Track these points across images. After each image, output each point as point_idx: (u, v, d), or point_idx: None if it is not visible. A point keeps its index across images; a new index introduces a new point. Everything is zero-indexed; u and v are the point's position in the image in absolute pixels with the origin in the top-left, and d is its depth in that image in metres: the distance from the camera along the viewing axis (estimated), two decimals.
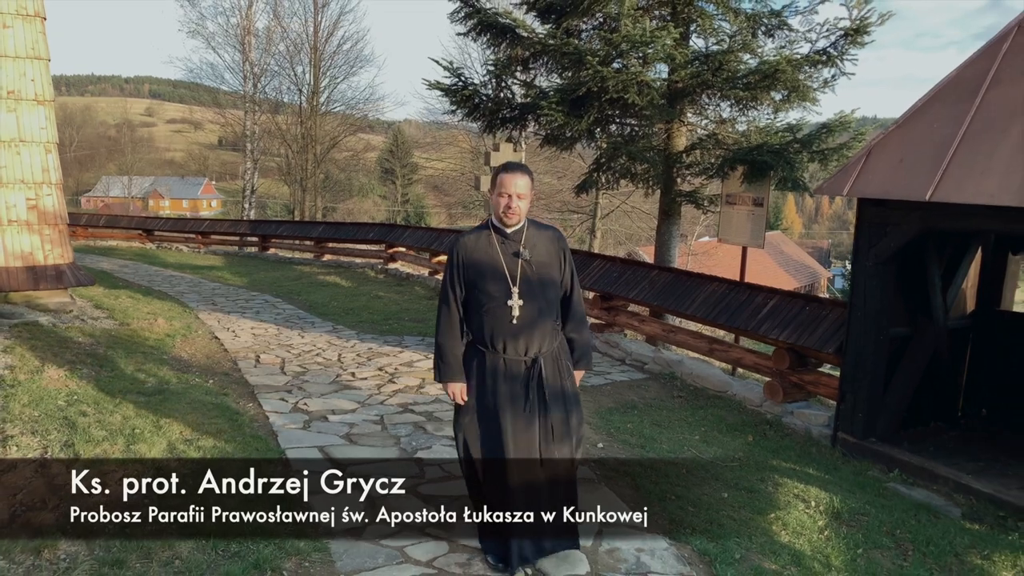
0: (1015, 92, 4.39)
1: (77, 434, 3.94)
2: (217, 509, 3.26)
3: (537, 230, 3.11)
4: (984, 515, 4.27)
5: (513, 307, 2.96)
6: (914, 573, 3.39)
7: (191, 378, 5.92)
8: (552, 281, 3.06)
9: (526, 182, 3.01)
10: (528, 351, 3.00)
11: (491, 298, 2.98)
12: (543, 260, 3.05)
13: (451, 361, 3.06)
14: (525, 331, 2.97)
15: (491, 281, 2.98)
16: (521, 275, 2.99)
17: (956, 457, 5.08)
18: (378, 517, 3.39)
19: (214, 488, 3.36)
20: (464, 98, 7.32)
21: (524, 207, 3.02)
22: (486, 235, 3.07)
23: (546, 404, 3.04)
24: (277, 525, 3.16)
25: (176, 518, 3.13)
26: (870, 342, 5.17)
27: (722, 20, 6.93)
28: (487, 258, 3.02)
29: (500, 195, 3.00)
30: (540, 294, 3.00)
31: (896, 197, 4.71)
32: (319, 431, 4.64)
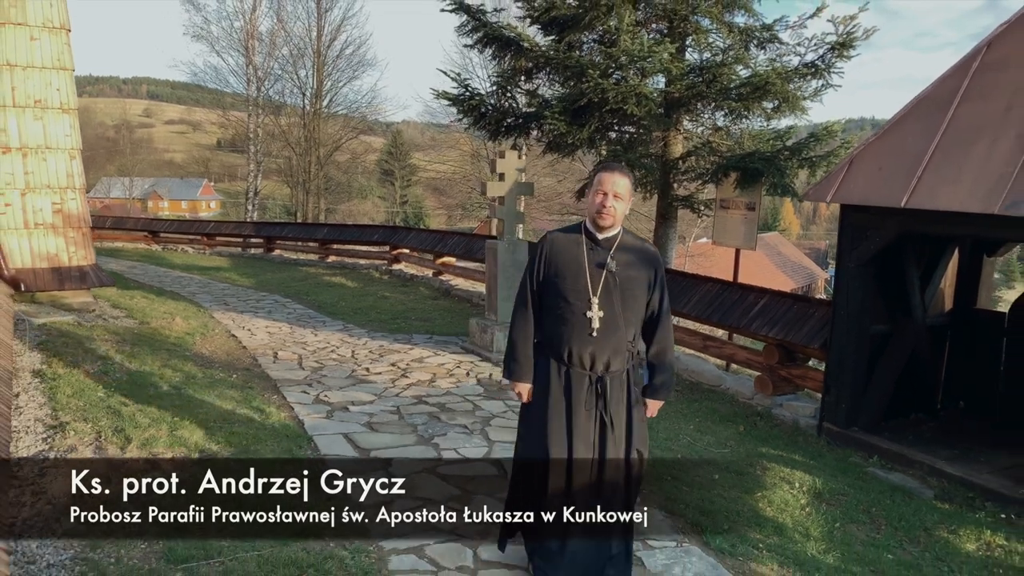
0: (982, 108, 4.77)
1: (124, 421, 4.30)
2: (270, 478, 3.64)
3: (633, 244, 2.93)
4: (955, 496, 4.65)
5: (593, 318, 2.79)
6: (885, 543, 3.77)
7: (215, 373, 6.28)
8: (636, 299, 2.86)
9: (626, 183, 2.84)
10: (595, 366, 2.83)
11: (567, 304, 2.83)
12: (631, 275, 2.86)
13: (521, 360, 2.96)
14: (597, 345, 2.81)
15: (571, 286, 2.82)
16: (604, 286, 2.81)
17: (933, 445, 5.45)
18: (401, 494, 3.78)
19: (262, 459, 3.75)
20: (471, 107, 7.70)
21: (621, 210, 2.84)
22: (575, 237, 2.91)
23: (604, 428, 2.86)
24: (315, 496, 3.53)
25: (232, 487, 3.51)
26: (852, 339, 5.55)
27: (716, 34, 7.32)
28: (571, 261, 2.86)
29: (596, 193, 2.84)
30: (620, 310, 2.82)
31: (875, 204, 5.09)
32: (342, 420, 5.01)
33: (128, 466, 3.63)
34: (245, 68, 24.78)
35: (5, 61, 7.53)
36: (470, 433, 4.84)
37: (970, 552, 3.79)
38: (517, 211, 7.31)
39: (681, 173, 7.84)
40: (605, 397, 2.83)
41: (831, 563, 3.41)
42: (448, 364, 6.90)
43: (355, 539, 3.16)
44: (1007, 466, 5.04)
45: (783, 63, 7.08)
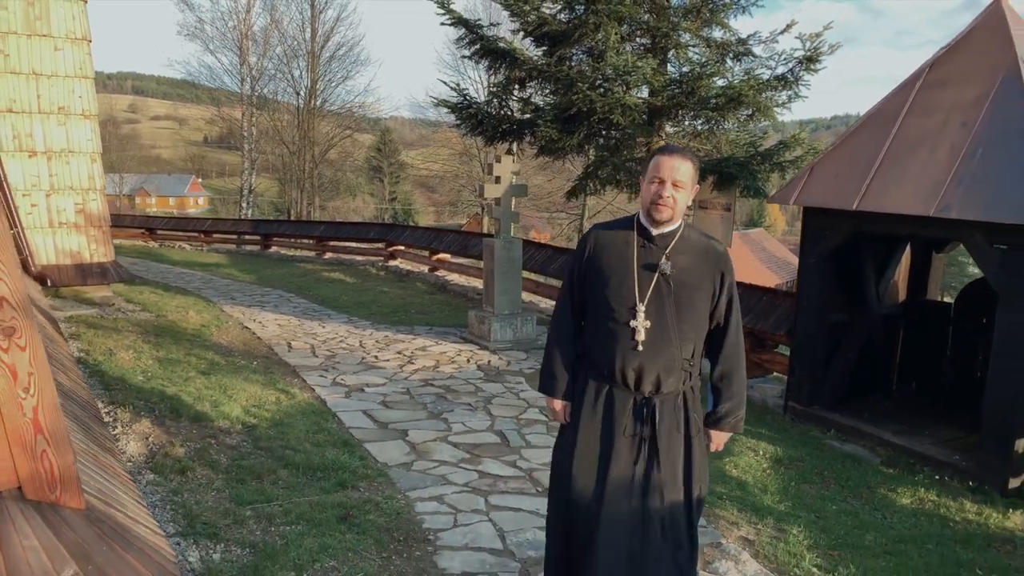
0: (923, 122, 5.44)
1: (171, 399, 4.87)
2: (304, 446, 4.25)
3: (695, 240, 2.46)
4: (898, 462, 5.32)
5: (638, 328, 2.35)
6: (831, 497, 4.42)
7: (236, 360, 6.84)
8: (695, 308, 2.41)
9: (689, 169, 2.37)
10: (641, 385, 2.38)
11: (610, 311, 2.41)
12: (689, 279, 2.40)
13: (556, 373, 2.56)
14: (645, 361, 2.36)
15: (615, 291, 2.41)
16: (654, 291, 2.37)
17: (884, 421, 6.12)
18: (420, 457, 4.39)
19: (296, 431, 4.36)
20: (469, 115, 8.30)
21: (682, 201, 2.38)
22: (625, 233, 2.47)
23: (652, 463, 2.37)
24: (346, 458, 4.14)
25: (271, 452, 4.11)
26: (813, 327, 6.22)
27: (695, 49, 7.96)
28: (617, 261, 2.43)
29: (652, 181, 2.38)
30: (674, 320, 2.37)
31: (831, 206, 5.75)
32: (359, 399, 5.61)
33: (184, 433, 4.24)
34: (239, 67, 25.17)
35: (31, 70, 8.03)
36: (474, 410, 5.45)
37: (904, 505, 4.45)
38: (512, 211, 7.92)
39: None
40: (653, 423, 2.36)
41: (782, 510, 4.05)
42: (449, 352, 7.50)
43: (386, 490, 3.76)
44: (947, 438, 5.72)
45: (756, 76, 7.71)
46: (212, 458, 3.88)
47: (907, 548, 3.64)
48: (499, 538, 3.32)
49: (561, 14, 7.95)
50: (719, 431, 2.52)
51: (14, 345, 1.79)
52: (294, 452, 4.15)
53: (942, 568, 3.43)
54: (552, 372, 2.58)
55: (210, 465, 3.77)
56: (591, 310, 2.50)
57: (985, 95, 5.16)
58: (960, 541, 3.84)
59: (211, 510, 3.22)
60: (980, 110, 5.13)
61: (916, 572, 3.34)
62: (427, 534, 3.30)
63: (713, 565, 3.22)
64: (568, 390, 2.55)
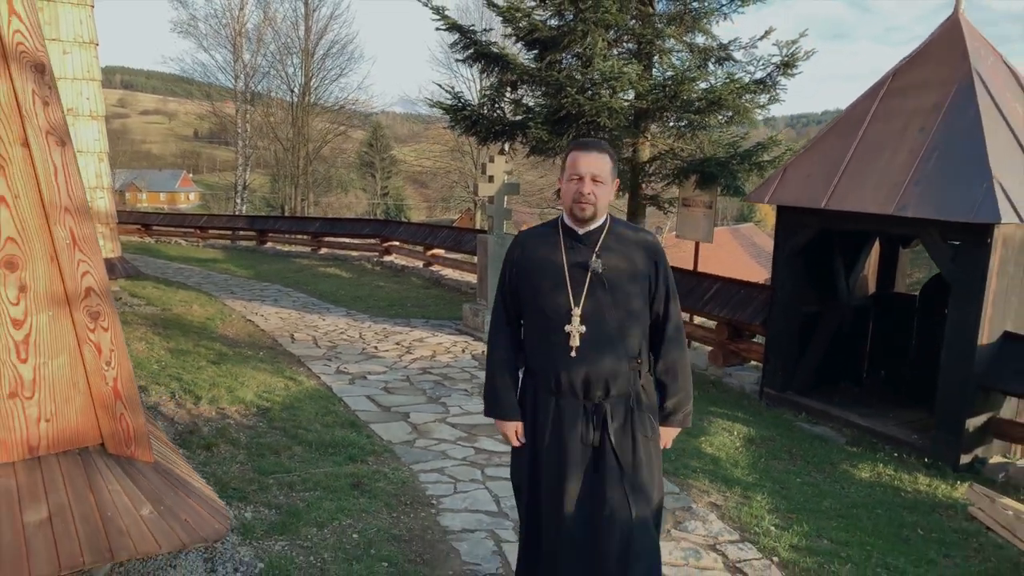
0: (886, 128, 5.87)
1: (188, 385, 5.25)
2: (315, 426, 4.64)
3: (624, 234, 2.39)
4: (862, 442, 5.76)
5: (572, 334, 2.26)
6: (796, 471, 4.85)
7: (243, 351, 7.21)
8: (632, 303, 2.32)
9: (606, 163, 2.29)
10: (590, 392, 2.29)
11: (547, 319, 2.31)
12: (623, 274, 2.31)
13: (500, 394, 2.43)
14: (588, 366, 2.27)
15: (548, 297, 2.31)
16: (588, 292, 2.28)
17: (853, 405, 6.56)
18: (421, 436, 4.79)
19: (306, 413, 4.75)
20: (464, 117, 8.68)
21: (604, 196, 2.31)
22: (552, 235, 2.39)
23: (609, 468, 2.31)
24: (354, 435, 4.53)
25: (285, 431, 4.50)
26: (787, 318, 6.65)
27: (678, 54, 8.38)
28: (547, 265, 2.34)
29: (571, 179, 2.31)
30: (613, 319, 2.29)
31: (802, 205, 6.17)
32: (362, 386, 5.99)
33: (204, 415, 4.62)
34: (233, 64, 25.39)
35: None
36: (470, 395, 5.85)
37: (863, 478, 4.88)
38: (505, 208, 8.32)
39: (648, 175, 8.90)
40: (604, 431, 2.29)
41: (749, 481, 4.48)
42: (445, 343, 7.89)
43: (392, 463, 4.16)
44: (909, 420, 6.17)
45: (736, 80, 8.13)
46: (232, 436, 4.26)
47: (859, 512, 4.07)
48: (494, 502, 3.73)
49: (551, 20, 8.33)
50: (667, 427, 2.43)
51: (99, 326, 2.17)
52: (306, 431, 4.54)
53: (888, 528, 3.87)
54: (496, 394, 2.44)
55: (231, 442, 4.16)
56: (527, 320, 2.41)
57: (941, 103, 5.59)
58: (908, 507, 4.27)
59: (238, 478, 3.61)
60: (937, 117, 5.56)
61: (863, 531, 3.77)
62: (431, 499, 3.70)
63: (683, 524, 3.64)
64: (516, 410, 2.41)
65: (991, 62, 5.87)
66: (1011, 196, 4.95)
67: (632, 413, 2.33)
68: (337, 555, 2.95)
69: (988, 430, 5.37)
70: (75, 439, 2.17)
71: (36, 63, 2.02)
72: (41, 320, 2.10)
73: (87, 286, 2.15)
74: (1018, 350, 5.19)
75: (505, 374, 2.44)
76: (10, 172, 2.01)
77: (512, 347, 2.46)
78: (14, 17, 1.97)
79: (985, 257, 5.05)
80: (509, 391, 2.44)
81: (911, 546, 3.64)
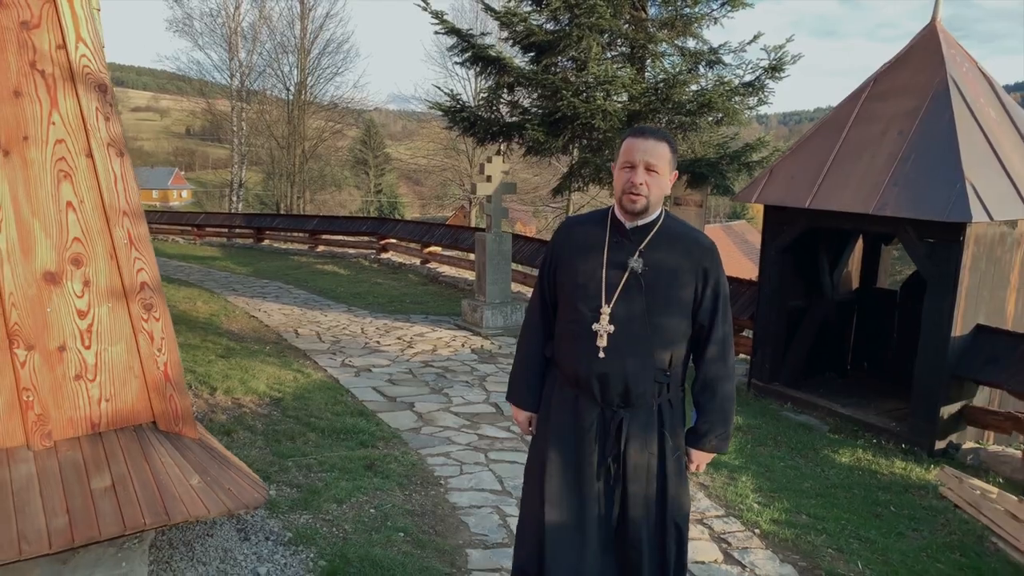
0: (867, 131, 6.17)
1: (202, 377, 5.50)
2: (326, 415, 4.90)
3: (677, 233, 2.22)
4: (844, 430, 6.06)
5: (600, 333, 2.13)
6: (780, 456, 5.15)
7: (250, 345, 7.45)
8: (672, 308, 2.17)
9: (665, 151, 2.12)
10: (607, 396, 2.16)
11: (576, 313, 2.20)
12: (666, 277, 2.16)
13: (522, 382, 2.39)
14: (609, 369, 2.13)
15: (582, 291, 2.19)
16: (622, 292, 2.14)
17: (837, 395, 6.86)
18: (427, 424, 5.07)
19: (317, 403, 5.01)
20: (462, 118, 8.95)
21: (658, 188, 2.14)
22: (598, 226, 2.25)
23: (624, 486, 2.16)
24: (364, 423, 4.80)
25: (298, 419, 4.76)
26: (773, 312, 6.94)
27: (670, 58, 8.67)
28: (588, 257, 2.21)
29: (623, 167, 2.14)
30: (646, 323, 2.14)
31: (788, 204, 6.46)
32: (368, 378, 6.26)
33: (221, 404, 4.88)
34: (228, 62, 25.54)
35: None
36: (471, 386, 6.13)
37: (843, 463, 5.18)
38: (502, 208, 8.59)
39: None
40: (620, 441, 2.14)
41: (736, 464, 4.77)
42: (445, 338, 8.16)
43: (401, 448, 4.43)
44: (889, 409, 6.47)
45: (726, 83, 8.42)
46: (249, 423, 4.53)
47: (836, 492, 4.37)
48: (498, 482, 4.01)
49: (547, 25, 8.60)
50: (699, 451, 2.25)
51: (152, 317, 2.44)
52: (318, 419, 4.80)
53: (863, 506, 4.16)
54: (518, 380, 2.40)
55: (249, 429, 4.42)
56: (560, 311, 2.30)
57: (919, 108, 5.89)
58: (883, 488, 4.58)
59: (259, 460, 3.87)
60: (914, 121, 5.86)
61: (840, 508, 4.07)
62: (439, 480, 3.98)
63: None
64: (534, 400, 2.36)
65: (966, 68, 6.18)
66: (982, 196, 5.25)
67: (651, 428, 2.15)
68: (357, 527, 3.22)
69: (962, 417, 5.68)
70: (131, 417, 2.43)
71: (99, 83, 2.27)
72: (102, 311, 2.36)
73: (142, 281, 2.41)
74: (990, 341, 5.50)
75: (531, 363, 2.37)
76: (76, 180, 2.27)
77: (542, 337, 2.36)
78: (81, 43, 2.23)
79: (958, 254, 5.35)
80: (532, 380, 2.36)
81: (883, 521, 3.94)
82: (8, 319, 2.17)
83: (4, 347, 2.18)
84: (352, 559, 2.86)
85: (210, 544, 2.81)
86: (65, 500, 2.15)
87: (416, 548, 3.07)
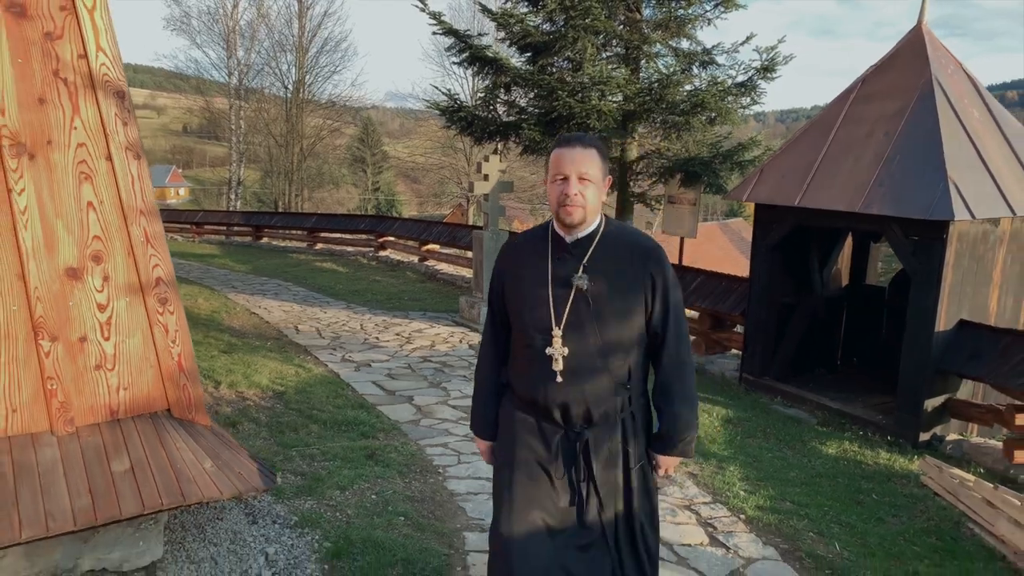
0: (853, 132, 6.32)
1: (206, 371, 5.64)
2: (328, 408, 5.05)
3: (619, 239, 2.15)
4: (832, 422, 6.22)
5: (555, 356, 2.07)
6: (769, 447, 5.31)
7: (251, 341, 7.59)
8: (624, 322, 2.09)
9: (594, 159, 2.05)
10: (570, 419, 2.11)
11: (529, 338, 2.12)
12: (612, 289, 2.08)
13: (480, 411, 2.34)
14: (569, 391, 2.08)
15: (531, 315, 2.12)
16: (571, 310, 2.07)
17: (826, 389, 7.03)
18: (425, 416, 5.22)
19: (318, 396, 5.15)
20: (460, 118, 9.08)
21: (594, 196, 2.07)
22: (540, 243, 2.17)
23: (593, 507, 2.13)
24: (364, 415, 4.95)
25: (301, 412, 4.91)
26: (764, 308, 7.10)
27: (664, 59, 8.82)
28: (533, 278, 2.13)
29: (554, 180, 2.07)
30: (599, 340, 2.08)
31: (778, 203, 6.62)
32: (367, 372, 6.41)
33: (225, 397, 5.02)
34: (226, 61, 25.63)
35: None
36: (468, 380, 6.27)
37: (829, 453, 5.35)
38: (499, 206, 8.73)
39: (636, 174, 9.34)
40: (589, 461, 2.11)
41: (725, 455, 4.93)
42: (443, 334, 8.31)
43: (400, 439, 4.58)
44: (876, 403, 6.63)
45: (719, 83, 8.57)
46: (253, 415, 4.67)
47: (821, 480, 4.53)
48: None
49: (543, 26, 8.74)
50: (664, 456, 2.21)
51: (167, 310, 2.58)
52: (320, 412, 4.95)
53: (845, 494, 4.33)
54: (476, 411, 2.34)
55: (253, 421, 4.57)
56: (514, 335, 2.21)
57: (904, 109, 6.04)
58: (866, 477, 4.74)
59: (264, 450, 4.02)
60: (900, 122, 6.02)
61: (823, 495, 4.23)
62: (438, 468, 4.13)
63: (663, 490, 4.08)
64: (490, 428, 2.30)
65: (951, 71, 6.33)
66: (965, 196, 5.41)
67: (619, 443, 2.13)
68: (359, 511, 3.37)
69: (946, 410, 5.84)
70: (147, 405, 2.58)
71: (118, 90, 2.42)
72: (120, 305, 2.50)
73: (157, 276, 2.56)
74: (973, 336, 5.66)
75: (487, 392, 2.32)
76: (96, 181, 2.41)
77: (497, 364, 2.31)
78: (100, 52, 2.37)
79: (941, 251, 5.51)
80: (488, 409, 2.31)
81: (864, 507, 4.10)
82: (34, 312, 2.31)
83: (30, 338, 2.32)
84: (355, 540, 3.01)
85: (220, 527, 2.95)
86: (88, 481, 2.30)
87: (416, 531, 3.22)
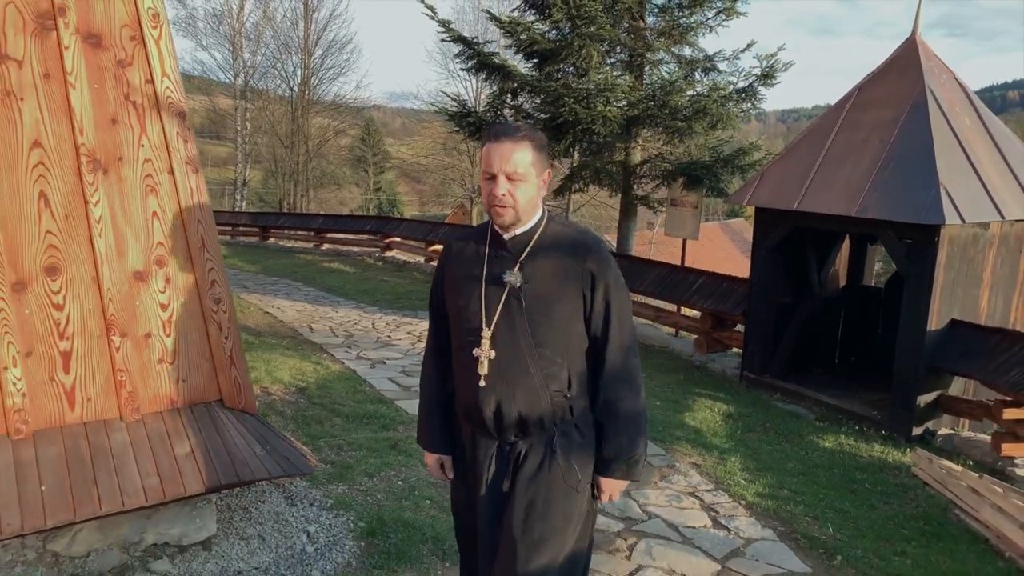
0: (851, 138, 6.58)
1: None
2: (349, 402, 5.32)
3: (558, 238, 2.00)
4: (829, 418, 6.48)
5: (481, 360, 1.93)
6: (767, 441, 5.57)
7: (267, 340, 7.85)
8: (557, 322, 1.94)
9: (523, 152, 1.87)
10: (502, 428, 1.96)
11: (461, 340, 2.01)
12: (546, 288, 1.94)
13: (424, 422, 2.18)
14: (498, 398, 1.93)
15: (463, 314, 2.00)
16: (503, 311, 1.94)
17: (824, 387, 7.28)
18: None
19: (338, 391, 5.42)
20: (469, 123, 9.34)
21: (525, 196, 1.91)
22: (480, 239, 2.04)
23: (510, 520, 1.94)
24: (384, 409, 5.21)
25: (323, 406, 5.18)
26: (764, 308, 7.36)
27: (667, 65, 9.07)
28: (468, 278, 2.01)
29: (484, 178, 1.93)
30: (531, 342, 1.93)
31: (777, 206, 6.87)
32: (383, 370, 6.67)
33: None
34: (232, 63, 25.88)
35: None
36: None
37: (825, 447, 5.60)
38: None
39: (639, 177, 9.60)
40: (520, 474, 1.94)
41: (726, 447, 5.19)
42: None
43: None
44: (872, 399, 6.89)
45: (720, 89, 8.83)
46: (279, 409, 4.93)
47: (817, 471, 4.79)
48: None
49: (549, 34, 8.99)
50: (607, 478, 2.02)
51: (220, 309, 2.85)
52: (342, 406, 5.21)
53: (840, 483, 4.58)
54: (421, 419, 2.19)
55: (279, 414, 4.83)
56: (454, 339, 2.06)
57: (899, 117, 6.30)
58: (861, 468, 5.00)
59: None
60: (894, 129, 6.28)
61: (819, 484, 4.49)
62: None
63: (667, 478, 4.34)
64: (440, 441, 2.14)
65: (944, 80, 6.59)
66: (956, 201, 5.67)
67: (553, 456, 1.93)
68: (388, 495, 3.63)
69: (938, 406, 6.10)
70: (203, 395, 2.84)
71: (180, 111, 2.68)
72: (180, 304, 2.77)
73: (212, 279, 2.82)
74: (964, 335, 5.92)
75: (432, 403, 2.15)
76: (160, 193, 2.67)
77: (439, 373, 2.15)
78: (165, 77, 2.63)
79: (933, 254, 5.77)
80: (433, 420, 2.15)
81: (857, 495, 4.36)
82: (106, 311, 2.58)
83: (103, 335, 2.58)
84: (387, 520, 3.27)
85: (264, 508, 3.21)
86: (155, 463, 2.56)
87: (442, 512, 3.48)
